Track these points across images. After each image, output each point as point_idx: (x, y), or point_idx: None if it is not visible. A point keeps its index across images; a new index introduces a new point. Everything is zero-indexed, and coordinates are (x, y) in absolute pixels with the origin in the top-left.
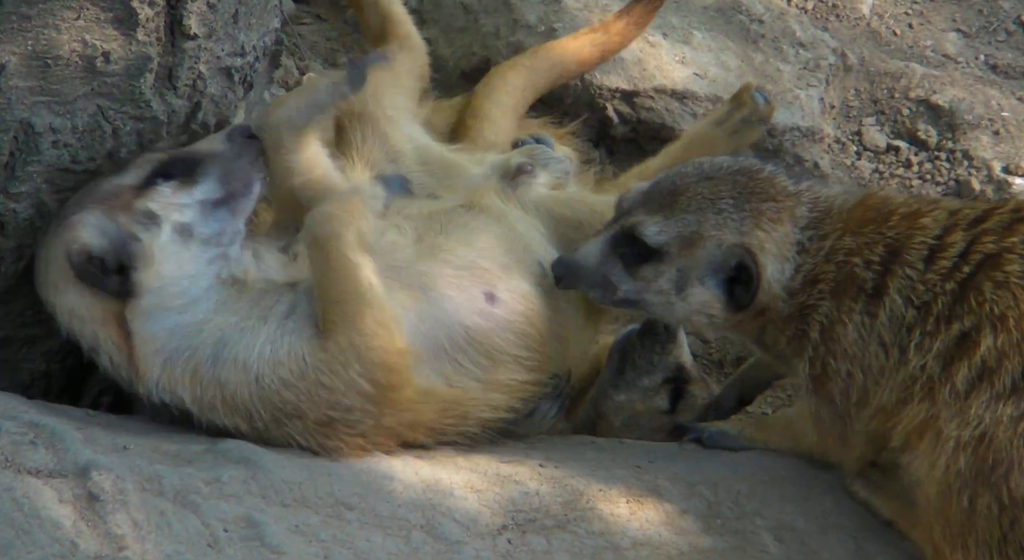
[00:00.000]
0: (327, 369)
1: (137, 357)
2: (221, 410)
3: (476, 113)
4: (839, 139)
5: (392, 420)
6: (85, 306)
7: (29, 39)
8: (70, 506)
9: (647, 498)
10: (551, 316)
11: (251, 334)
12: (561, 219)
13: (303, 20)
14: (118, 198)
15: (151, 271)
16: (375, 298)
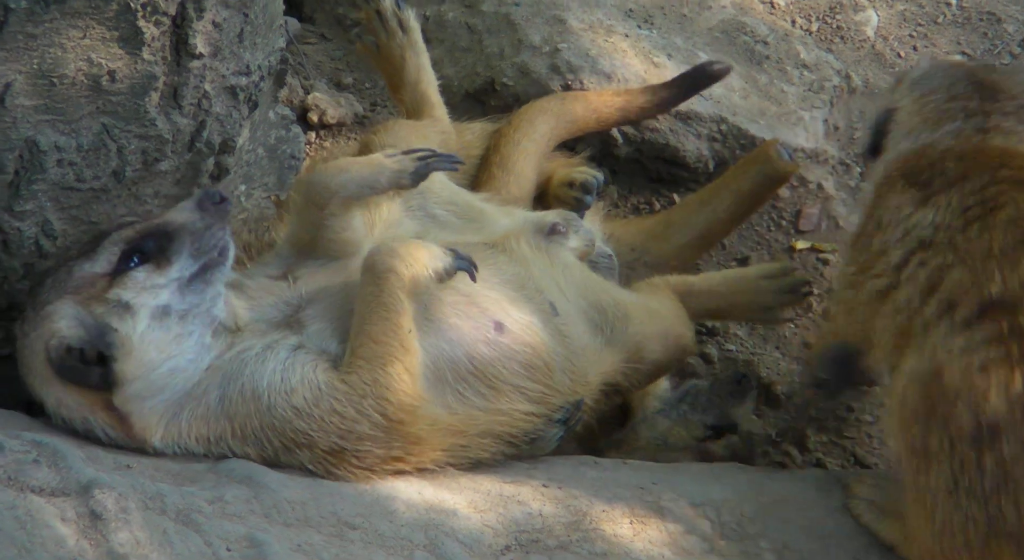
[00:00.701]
0: (344, 399)
1: (136, 431)
2: (231, 442)
3: (504, 164)
4: (843, 160)
5: (400, 450)
6: (71, 397)
7: (35, 58)
8: (73, 524)
9: (650, 518)
10: (561, 352)
11: (259, 364)
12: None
13: (308, 40)
14: (91, 287)
15: (132, 361)
16: (411, 345)
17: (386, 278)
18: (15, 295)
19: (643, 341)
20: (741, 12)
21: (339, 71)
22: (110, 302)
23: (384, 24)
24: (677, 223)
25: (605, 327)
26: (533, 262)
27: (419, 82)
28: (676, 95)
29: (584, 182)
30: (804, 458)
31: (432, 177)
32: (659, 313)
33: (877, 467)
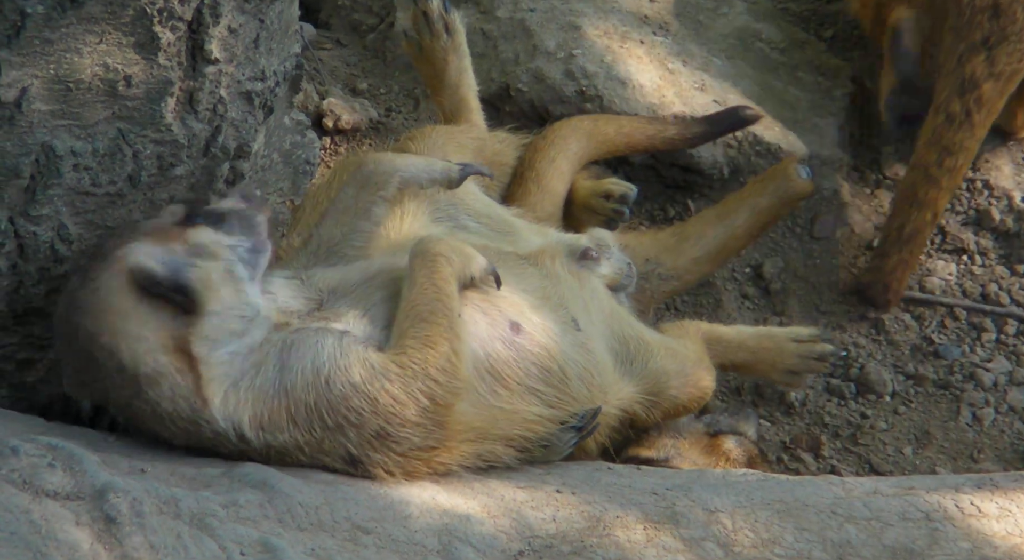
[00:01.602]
0: (396, 379)
1: (203, 383)
2: (285, 425)
3: (540, 181)
4: (857, 167)
5: (431, 440)
6: (150, 330)
7: (51, 63)
8: (87, 529)
9: (664, 525)
10: (580, 361)
11: (318, 338)
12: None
13: (323, 45)
14: (167, 232)
15: (213, 293)
16: (460, 330)
17: (438, 262)
18: (31, 299)
19: (662, 377)
20: (756, 19)
21: (354, 77)
22: (189, 243)
23: (430, 26)
24: (692, 236)
25: (626, 359)
26: (563, 280)
27: (460, 86)
28: (706, 132)
29: (623, 194)
30: (819, 465)
31: (465, 187)
32: (681, 354)
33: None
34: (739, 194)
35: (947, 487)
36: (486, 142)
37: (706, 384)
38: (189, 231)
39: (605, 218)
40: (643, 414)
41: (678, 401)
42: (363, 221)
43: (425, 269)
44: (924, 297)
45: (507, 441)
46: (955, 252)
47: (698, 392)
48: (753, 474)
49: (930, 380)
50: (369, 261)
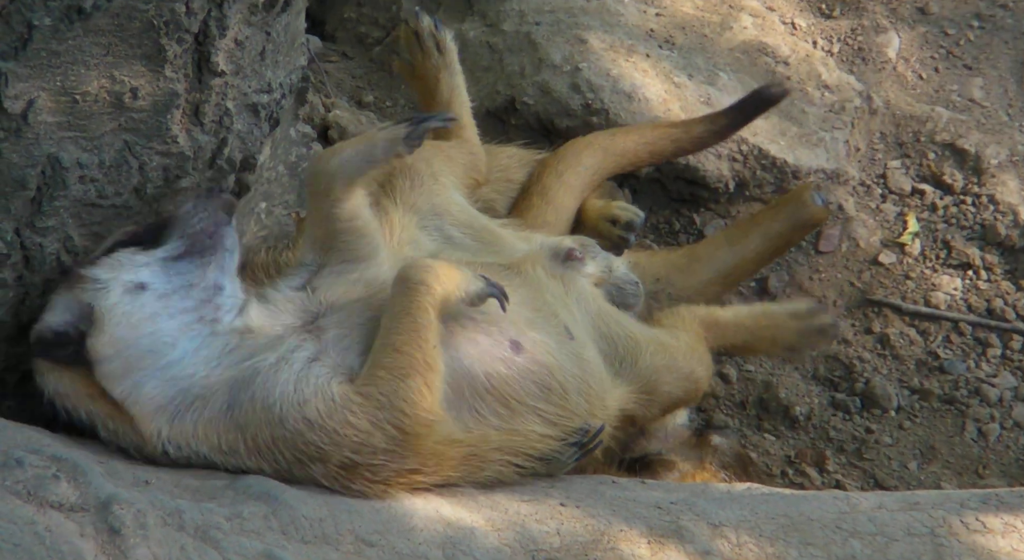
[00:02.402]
0: (359, 411)
1: (137, 424)
2: (243, 454)
3: (545, 194)
4: (864, 182)
5: (414, 463)
6: (69, 386)
7: (58, 75)
8: (91, 540)
9: (668, 539)
10: (578, 374)
11: (272, 373)
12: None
13: (329, 58)
14: (79, 274)
15: (102, 335)
16: (434, 361)
17: (417, 291)
18: (36, 311)
19: (653, 375)
20: (762, 33)
21: (360, 89)
22: (87, 280)
23: (421, 44)
24: (703, 258)
25: (615, 359)
26: (547, 287)
27: (451, 103)
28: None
29: (629, 221)
30: (823, 480)
31: (450, 198)
32: (671, 347)
33: (897, 489)
34: (752, 218)
35: (952, 503)
36: (479, 158)
37: (699, 375)
38: (95, 265)
39: (611, 243)
40: (641, 412)
41: (674, 396)
42: (333, 223)
43: (404, 297)
44: (929, 312)
45: (505, 458)
46: (961, 267)
47: (691, 384)
48: (758, 488)
49: (935, 395)
50: (377, 273)
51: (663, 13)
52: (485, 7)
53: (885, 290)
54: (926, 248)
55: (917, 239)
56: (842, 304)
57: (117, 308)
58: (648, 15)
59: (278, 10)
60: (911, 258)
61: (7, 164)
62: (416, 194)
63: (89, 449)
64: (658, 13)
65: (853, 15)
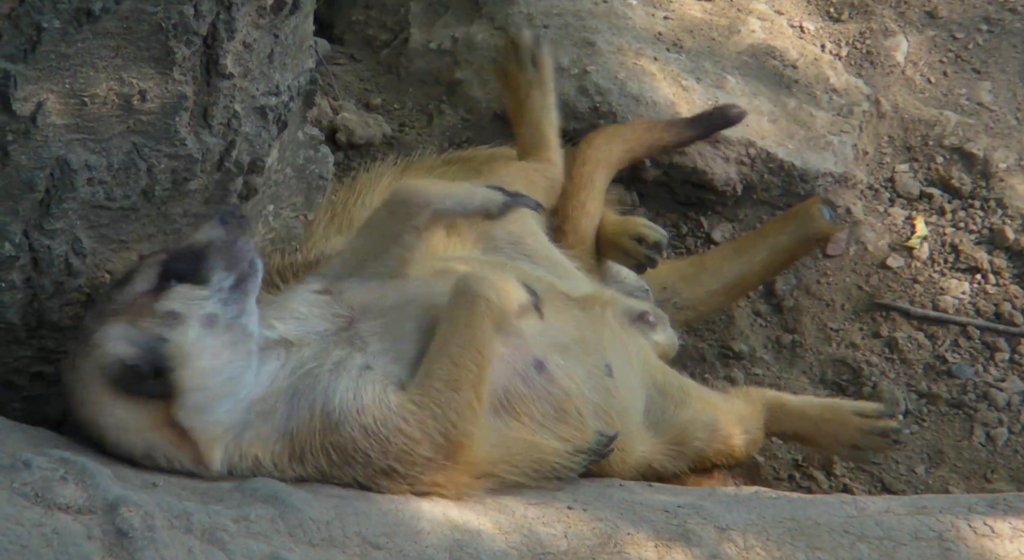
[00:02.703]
0: (412, 420)
1: (201, 450)
2: (285, 463)
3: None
4: (872, 185)
5: (446, 474)
6: (132, 418)
7: (67, 77)
8: (99, 542)
9: (676, 543)
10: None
11: (332, 379)
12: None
13: (337, 60)
14: (136, 306)
15: (188, 369)
16: (486, 375)
17: (477, 304)
18: (44, 313)
19: (689, 428)
20: (770, 36)
21: (368, 92)
22: (158, 314)
23: (517, 56)
24: (710, 268)
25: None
26: (609, 328)
27: (541, 122)
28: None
29: (657, 241)
30: (831, 484)
31: (526, 228)
32: (720, 408)
33: (904, 493)
34: (760, 230)
35: (960, 507)
36: (557, 182)
37: (735, 442)
38: (161, 299)
39: (635, 262)
40: (668, 465)
41: (703, 454)
42: (394, 246)
43: (463, 310)
44: (938, 316)
45: (518, 470)
46: (969, 271)
47: (725, 448)
48: (765, 492)
49: (943, 399)
50: (406, 282)
51: (671, 16)
52: (493, 10)
53: (893, 294)
54: (934, 252)
55: (925, 243)
56: (850, 308)
57: (200, 341)
58: (656, 18)
59: (286, 13)
60: (919, 262)
61: (16, 166)
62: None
63: (97, 451)
64: (666, 16)
65: (861, 19)
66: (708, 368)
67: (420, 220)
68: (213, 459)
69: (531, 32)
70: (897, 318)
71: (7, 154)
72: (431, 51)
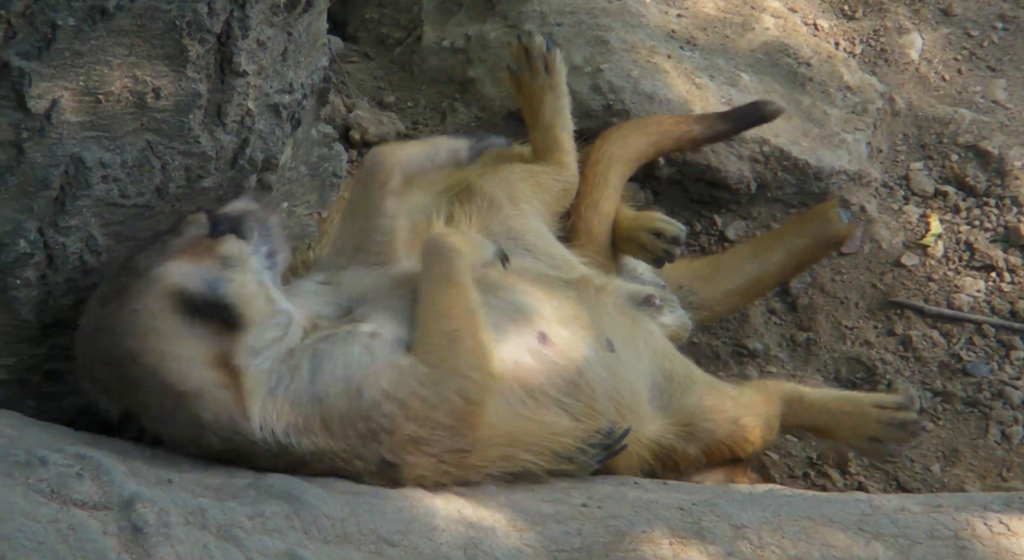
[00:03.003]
0: (426, 380)
1: (244, 394)
2: (317, 433)
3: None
4: (886, 183)
5: (462, 442)
6: (194, 349)
7: (81, 75)
8: (114, 538)
9: (690, 540)
10: (608, 380)
11: (346, 345)
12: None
13: (351, 58)
14: (198, 247)
15: (251, 306)
16: (481, 319)
17: (451, 255)
18: (59, 311)
19: (697, 411)
20: (784, 34)
21: (381, 90)
22: (220, 256)
23: (530, 62)
24: (726, 269)
25: (666, 392)
26: (605, 310)
27: (553, 125)
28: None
29: (675, 235)
30: (845, 482)
31: (529, 225)
32: (728, 395)
33: (919, 491)
34: (777, 232)
35: (976, 505)
36: (572, 187)
37: (746, 423)
38: (219, 244)
39: (653, 256)
40: (678, 446)
41: (715, 437)
42: (377, 217)
43: (438, 264)
44: (952, 314)
45: (535, 451)
46: (984, 269)
47: (735, 428)
48: (780, 490)
49: (958, 397)
50: (398, 267)
51: (685, 14)
52: (507, 8)
53: (908, 292)
54: (949, 250)
55: (940, 241)
56: (864, 306)
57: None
58: (670, 16)
59: (300, 11)
60: (934, 260)
61: (30, 164)
62: (490, 217)
63: (111, 448)
64: (680, 14)
65: (876, 16)
66: (722, 366)
67: (393, 183)
68: (252, 408)
69: (543, 37)
70: (912, 316)
71: (22, 152)
72: (444, 49)
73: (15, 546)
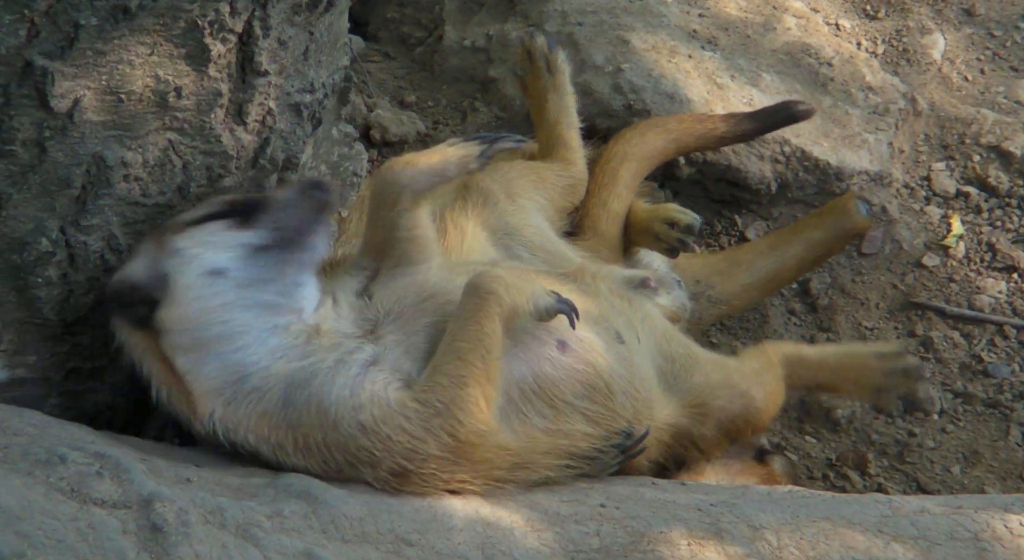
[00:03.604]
0: (415, 417)
1: (193, 396)
2: (291, 451)
3: (596, 228)
4: (908, 184)
5: (466, 472)
6: (134, 339)
7: (103, 74)
8: (133, 537)
9: (708, 541)
10: (624, 375)
11: (327, 377)
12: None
13: (372, 58)
14: (171, 232)
15: (172, 311)
16: (494, 373)
17: (487, 300)
18: (80, 309)
19: (706, 390)
20: (806, 34)
21: (402, 89)
22: (173, 249)
23: (532, 63)
24: (744, 263)
25: (671, 374)
26: (604, 298)
27: (558, 124)
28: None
29: (689, 224)
30: (865, 483)
31: (526, 220)
32: (731, 368)
33: (939, 493)
34: (795, 226)
35: (996, 507)
36: (581, 183)
37: (755, 394)
38: (182, 233)
39: (668, 246)
40: (694, 429)
41: (728, 412)
42: (394, 232)
43: (472, 305)
44: (973, 315)
45: (551, 461)
46: (1005, 270)
47: (747, 401)
48: (798, 491)
49: (979, 398)
50: (426, 278)
51: (706, 14)
52: (528, 8)
53: (929, 293)
54: (970, 251)
55: (961, 242)
56: (885, 307)
57: (192, 290)
58: (691, 16)
59: (321, 10)
60: (955, 261)
61: (52, 163)
62: (487, 212)
63: (131, 446)
64: (701, 14)
65: (898, 16)
66: None
67: (405, 204)
68: (203, 413)
69: (544, 37)
70: (933, 317)
71: (44, 150)
72: (465, 49)
73: (35, 544)
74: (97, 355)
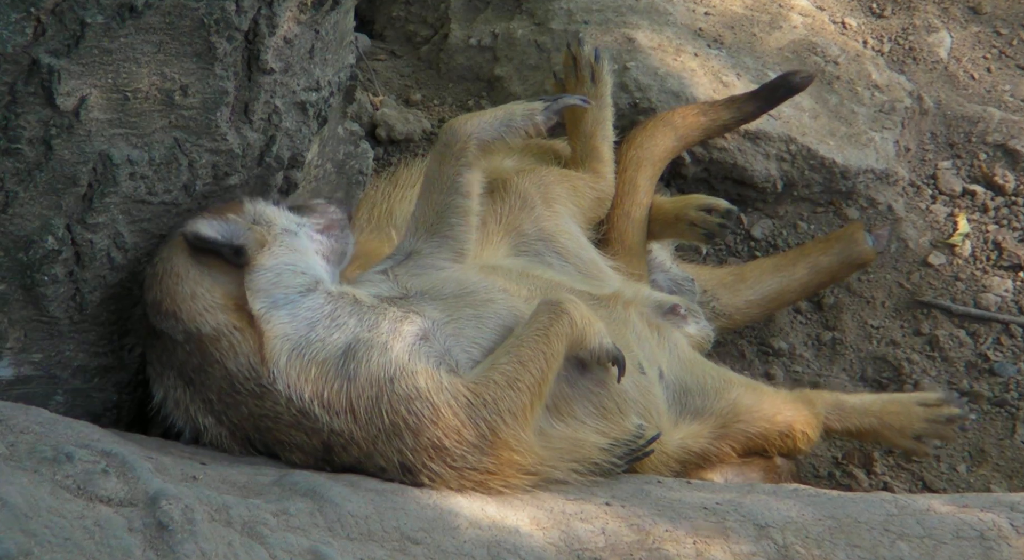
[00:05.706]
0: (465, 402)
1: (264, 341)
2: (340, 410)
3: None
4: (914, 182)
5: (490, 463)
6: (206, 288)
7: (110, 72)
8: (140, 535)
9: (714, 539)
10: (640, 402)
11: (386, 338)
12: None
13: (378, 56)
14: (227, 206)
15: (266, 249)
16: (544, 388)
17: (561, 319)
18: (86, 307)
19: (734, 409)
20: (812, 32)
21: (408, 88)
22: (247, 212)
23: (577, 71)
24: (749, 280)
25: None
26: (632, 327)
27: (593, 135)
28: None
29: (729, 209)
30: (871, 481)
31: (561, 226)
32: (765, 393)
33: (946, 492)
34: (802, 248)
35: (1002, 505)
36: (607, 198)
37: (781, 419)
38: (248, 205)
39: (705, 231)
40: (712, 448)
41: (748, 432)
42: (453, 195)
43: (547, 318)
44: (979, 313)
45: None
46: (1011, 268)
47: (770, 426)
48: (805, 490)
49: (985, 397)
50: (465, 274)
51: (712, 12)
52: (534, 6)
53: (935, 291)
54: (976, 249)
55: (967, 240)
56: (891, 305)
57: (280, 238)
58: (697, 14)
59: (327, 8)
60: (961, 259)
61: (59, 161)
62: (523, 216)
63: (137, 444)
64: (707, 12)
65: (904, 14)
66: (747, 365)
67: (469, 155)
68: (274, 358)
69: (591, 47)
70: (938, 316)
71: (50, 148)
72: (471, 47)
73: (41, 542)
74: (103, 353)
